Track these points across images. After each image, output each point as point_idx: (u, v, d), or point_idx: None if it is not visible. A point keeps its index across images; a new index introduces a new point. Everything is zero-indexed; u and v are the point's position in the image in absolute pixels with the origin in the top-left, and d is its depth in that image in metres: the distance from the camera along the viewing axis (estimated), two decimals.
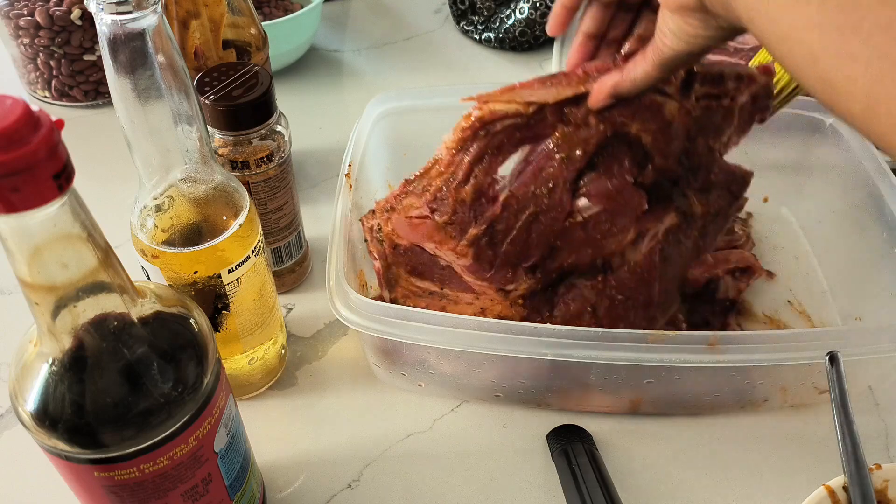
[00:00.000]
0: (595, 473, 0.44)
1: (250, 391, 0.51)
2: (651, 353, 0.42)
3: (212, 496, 0.37)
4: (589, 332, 0.42)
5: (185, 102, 0.37)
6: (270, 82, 0.48)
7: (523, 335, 0.42)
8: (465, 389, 0.50)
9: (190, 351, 0.33)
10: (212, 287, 0.42)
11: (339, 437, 0.49)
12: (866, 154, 0.54)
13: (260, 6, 0.79)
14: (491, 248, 0.44)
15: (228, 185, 0.42)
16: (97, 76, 0.74)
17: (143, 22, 0.33)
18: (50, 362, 0.30)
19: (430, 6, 0.92)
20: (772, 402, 0.49)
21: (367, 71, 0.82)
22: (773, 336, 0.43)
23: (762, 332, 0.44)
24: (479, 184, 0.43)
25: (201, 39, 0.55)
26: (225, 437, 0.36)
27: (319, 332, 0.55)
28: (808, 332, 0.45)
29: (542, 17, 0.81)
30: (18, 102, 0.23)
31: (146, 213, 0.40)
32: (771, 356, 0.42)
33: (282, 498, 0.46)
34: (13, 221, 0.25)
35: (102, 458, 0.31)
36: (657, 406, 0.49)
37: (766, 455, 0.48)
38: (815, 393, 0.48)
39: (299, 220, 0.56)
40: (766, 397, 0.48)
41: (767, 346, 0.42)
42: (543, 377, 0.46)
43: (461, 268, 0.46)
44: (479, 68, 0.82)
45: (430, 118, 0.60)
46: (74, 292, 0.28)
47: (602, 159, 0.44)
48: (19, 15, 0.69)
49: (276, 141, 0.49)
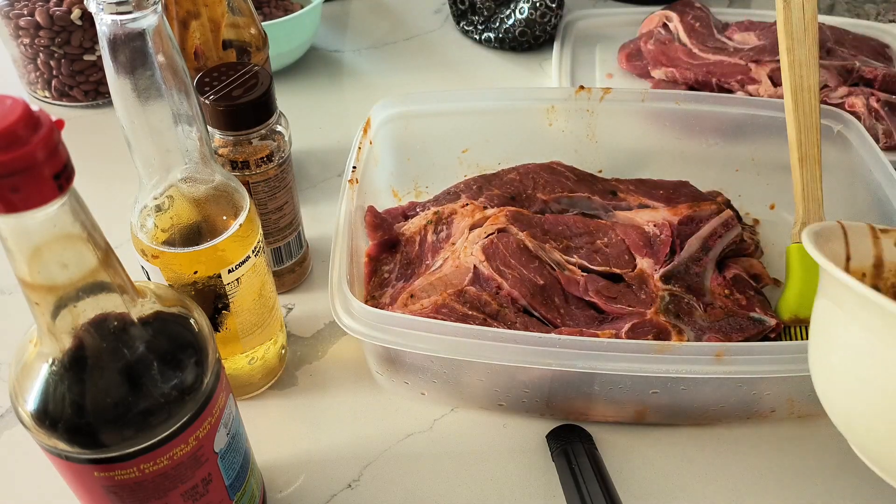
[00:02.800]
0: (595, 473, 0.44)
1: (250, 391, 0.51)
2: (657, 364, 0.41)
3: (212, 496, 0.37)
4: (594, 343, 0.42)
5: (185, 102, 0.37)
6: (270, 82, 0.48)
7: (528, 345, 0.42)
8: (467, 398, 0.49)
9: (190, 351, 0.33)
10: (212, 287, 0.42)
11: (339, 437, 0.49)
12: (874, 161, 0.54)
13: (260, 6, 0.79)
14: None
15: (228, 185, 0.42)
16: (97, 76, 0.74)
17: (143, 22, 0.33)
18: (50, 362, 0.30)
19: (430, 6, 0.92)
20: (779, 413, 0.48)
21: (367, 71, 0.82)
22: (780, 347, 0.43)
23: (769, 344, 0.43)
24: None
25: (201, 39, 0.55)
26: (225, 437, 0.36)
27: (319, 332, 0.55)
28: None
29: (542, 17, 0.81)
30: (18, 102, 0.23)
31: (146, 213, 0.40)
32: (778, 367, 0.42)
33: (282, 498, 0.46)
34: (13, 221, 0.25)
35: (102, 458, 0.31)
36: (662, 416, 0.49)
37: (772, 464, 0.48)
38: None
39: (299, 220, 0.56)
40: (773, 408, 0.48)
41: (774, 357, 0.42)
42: (547, 387, 0.46)
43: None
44: (479, 68, 0.82)
45: (433, 123, 0.60)
46: (74, 292, 0.28)
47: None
48: (19, 15, 0.69)
49: (276, 141, 0.49)
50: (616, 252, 0.53)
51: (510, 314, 0.48)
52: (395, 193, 0.62)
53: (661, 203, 0.57)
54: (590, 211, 0.58)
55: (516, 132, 0.62)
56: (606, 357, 0.42)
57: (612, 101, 0.60)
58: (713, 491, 0.46)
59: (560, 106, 0.61)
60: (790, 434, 0.49)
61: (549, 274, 0.50)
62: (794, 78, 0.50)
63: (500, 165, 0.61)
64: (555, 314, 0.49)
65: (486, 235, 0.52)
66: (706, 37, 0.77)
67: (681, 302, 0.49)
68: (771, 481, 0.47)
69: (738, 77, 0.72)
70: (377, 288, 0.52)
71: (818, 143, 0.49)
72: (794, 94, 0.50)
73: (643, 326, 0.47)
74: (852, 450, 0.44)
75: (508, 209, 0.54)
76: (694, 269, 0.52)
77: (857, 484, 0.46)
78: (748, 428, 0.49)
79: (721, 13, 0.83)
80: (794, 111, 0.50)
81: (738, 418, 0.49)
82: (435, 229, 0.54)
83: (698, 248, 0.53)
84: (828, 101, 0.68)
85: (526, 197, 0.57)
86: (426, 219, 0.55)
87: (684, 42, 0.77)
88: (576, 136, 0.62)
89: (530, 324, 0.48)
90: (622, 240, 0.53)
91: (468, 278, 0.49)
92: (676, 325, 0.47)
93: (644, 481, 0.47)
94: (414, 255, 0.54)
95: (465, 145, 0.62)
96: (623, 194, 0.58)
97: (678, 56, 0.75)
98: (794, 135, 0.48)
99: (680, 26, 0.78)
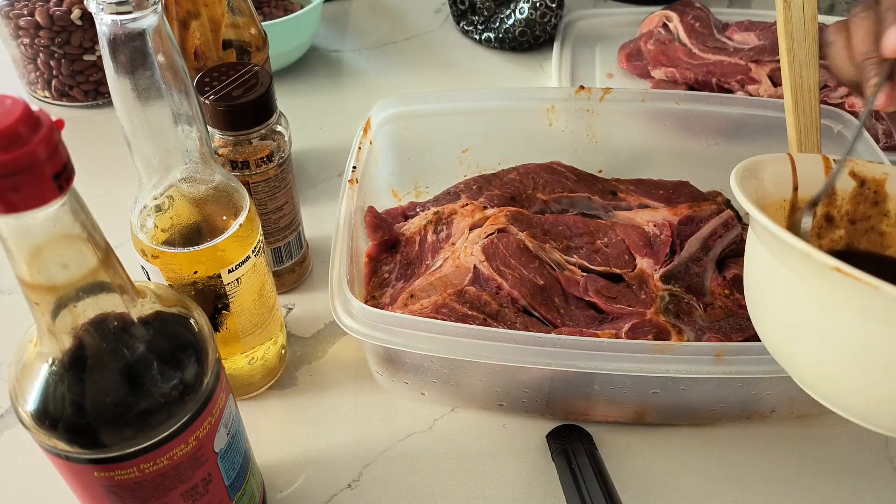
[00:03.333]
0: (595, 473, 0.44)
1: (250, 391, 0.51)
2: (657, 364, 0.41)
3: (212, 496, 0.37)
4: (594, 343, 0.42)
5: (185, 102, 0.37)
6: (270, 82, 0.48)
7: (528, 345, 0.42)
8: (467, 398, 0.49)
9: (190, 351, 0.33)
10: (212, 287, 0.42)
11: (339, 437, 0.49)
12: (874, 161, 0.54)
13: (260, 6, 0.79)
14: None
15: (228, 185, 0.42)
16: (97, 76, 0.74)
17: (143, 22, 0.33)
18: (50, 362, 0.30)
19: (430, 6, 0.92)
20: (779, 413, 0.48)
21: (367, 71, 0.82)
22: None
23: None
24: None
25: (201, 39, 0.55)
26: (225, 437, 0.36)
27: (319, 332, 0.55)
28: None
29: (542, 17, 0.81)
30: (18, 102, 0.23)
31: (146, 213, 0.40)
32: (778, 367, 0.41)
33: (282, 498, 0.46)
34: (13, 221, 0.25)
35: (102, 458, 0.31)
36: (662, 416, 0.49)
37: (772, 464, 0.48)
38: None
39: (299, 220, 0.56)
40: (774, 408, 0.48)
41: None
42: (547, 387, 0.46)
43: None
44: (479, 68, 0.82)
45: (433, 123, 0.60)
46: (74, 292, 0.28)
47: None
48: (19, 15, 0.69)
49: (276, 141, 0.49)
50: (616, 252, 0.53)
51: (510, 314, 0.48)
52: (395, 193, 0.62)
53: (661, 203, 0.57)
54: (590, 211, 0.58)
55: (516, 132, 0.62)
56: (606, 357, 0.42)
57: (612, 101, 0.60)
58: (713, 491, 0.46)
59: (560, 106, 0.61)
60: (790, 434, 0.49)
61: (549, 274, 0.50)
62: (794, 77, 0.50)
63: (500, 165, 0.61)
64: (555, 314, 0.49)
65: (486, 235, 0.52)
66: (706, 37, 0.77)
67: (681, 302, 0.49)
68: (771, 481, 0.47)
69: (738, 77, 0.72)
70: (377, 288, 0.52)
71: (818, 143, 0.49)
72: (794, 94, 0.50)
73: (643, 326, 0.47)
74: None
75: (508, 209, 0.54)
76: (694, 269, 0.52)
77: (858, 484, 0.46)
78: (748, 428, 0.49)
79: (721, 13, 0.83)
80: (794, 111, 0.50)
81: (738, 418, 0.49)
82: (435, 229, 0.54)
83: (698, 248, 0.53)
84: (828, 101, 0.68)
85: (526, 197, 0.57)
86: (426, 219, 0.55)
87: (684, 42, 0.77)
88: (576, 136, 0.62)
89: (530, 324, 0.48)
90: (622, 240, 0.53)
91: (468, 278, 0.49)
92: (676, 325, 0.47)
93: (644, 481, 0.47)
94: (414, 255, 0.54)
95: (465, 145, 0.62)
96: (623, 194, 0.58)
97: (678, 56, 0.75)
98: (794, 134, 0.48)
99: (680, 26, 0.78)
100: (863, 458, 0.48)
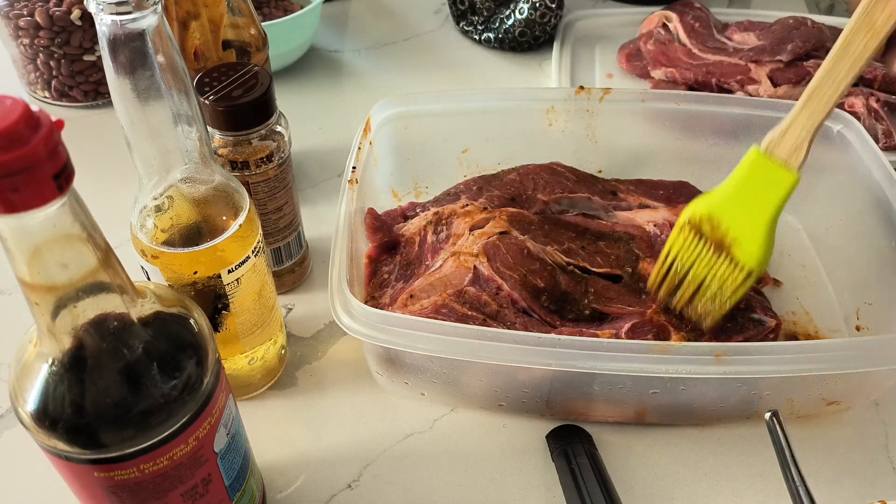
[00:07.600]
0: (595, 473, 0.44)
1: (250, 391, 0.51)
2: (657, 364, 0.41)
3: (212, 496, 0.37)
4: (594, 343, 0.42)
5: (185, 103, 0.37)
6: (270, 82, 0.48)
7: (528, 345, 0.42)
8: (467, 398, 0.49)
9: (190, 351, 0.33)
10: (212, 287, 0.42)
11: (339, 437, 0.49)
12: (875, 161, 0.54)
13: (260, 6, 0.79)
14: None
15: (228, 186, 0.42)
16: (97, 76, 0.74)
17: (142, 22, 0.33)
18: (50, 362, 0.30)
19: (430, 6, 0.92)
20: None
21: (367, 71, 0.82)
22: (780, 347, 0.43)
23: (768, 344, 0.43)
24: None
25: (201, 40, 0.55)
26: (225, 437, 0.36)
27: (319, 333, 0.55)
28: (815, 344, 0.45)
29: (541, 17, 0.81)
30: (18, 102, 0.23)
31: (146, 213, 0.40)
32: (778, 367, 0.42)
33: (282, 498, 0.46)
34: (13, 221, 0.25)
35: (102, 458, 0.31)
36: (662, 416, 0.49)
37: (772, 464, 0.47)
38: (822, 404, 0.48)
39: (299, 220, 0.56)
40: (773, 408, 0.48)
41: (774, 357, 0.42)
42: (547, 387, 0.46)
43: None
44: (478, 68, 0.82)
45: (433, 123, 0.60)
46: (74, 292, 0.28)
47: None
48: (19, 15, 0.69)
49: (276, 141, 0.49)
50: (616, 253, 0.53)
51: (510, 315, 0.48)
52: (394, 194, 0.62)
53: (661, 203, 0.57)
54: (590, 211, 0.58)
55: (516, 132, 0.62)
56: (606, 357, 0.42)
57: (612, 102, 0.60)
58: (713, 491, 0.46)
59: (560, 106, 0.61)
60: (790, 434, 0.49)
61: (550, 276, 0.50)
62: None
63: (499, 166, 0.61)
64: (554, 316, 0.49)
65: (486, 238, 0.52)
66: (706, 37, 0.77)
67: None
68: (771, 481, 0.47)
69: (738, 77, 0.72)
70: (377, 289, 0.52)
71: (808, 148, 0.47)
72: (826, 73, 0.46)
73: (643, 326, 0.47)
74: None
75: (508, 211, 0.54)
76: None
77: (858, 484, 0.46)
78: (748, 428, 0.49)
79: (721, 13, 0.83)
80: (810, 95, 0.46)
81: (738, 418, 0.49)
82: (435, 230, 0.54)
83: None
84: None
85: (526, 198, 0.57)
86: (426, 219, 0.55)
87: (684, 42, 0.77)
88: (575, 137, 0.62)
89: (530, 324, 0.48)
90: (622, 240, 0.53)
91: (468, 279, 0.49)
92: (676, 325, 0.47)
93: (644, 481, 0.47)
94: (414, 255, 0.54)
95: (465, 145, 0.62)
96: (623, 194, 0.58)
97: (678, 56, 0.75)
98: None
99: (680, 26, 0.78)
100: (863, 458, 0.48)
